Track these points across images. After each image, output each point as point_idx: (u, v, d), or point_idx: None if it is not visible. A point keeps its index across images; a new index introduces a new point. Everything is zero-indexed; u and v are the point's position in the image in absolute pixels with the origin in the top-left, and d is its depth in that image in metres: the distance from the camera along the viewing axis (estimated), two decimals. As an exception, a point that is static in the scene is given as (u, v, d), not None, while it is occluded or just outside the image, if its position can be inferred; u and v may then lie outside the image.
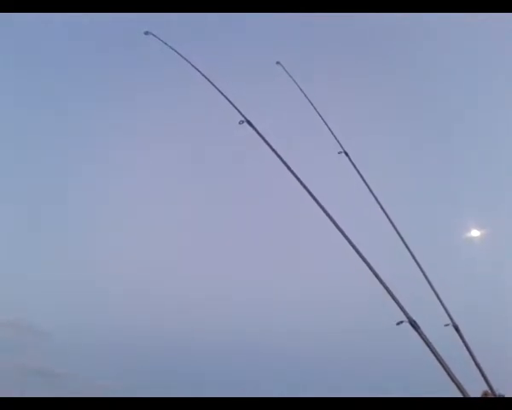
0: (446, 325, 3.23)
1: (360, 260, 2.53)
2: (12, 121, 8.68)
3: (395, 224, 3.26)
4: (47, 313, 7.65)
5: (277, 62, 4.45)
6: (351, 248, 2.52)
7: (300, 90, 4.06)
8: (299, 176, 2.36)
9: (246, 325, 7.43)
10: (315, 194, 2.30)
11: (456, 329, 3.21)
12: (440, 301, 3.25)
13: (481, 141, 7.37)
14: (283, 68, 4.34)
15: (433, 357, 2.61)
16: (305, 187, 2.33)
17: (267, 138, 2.52)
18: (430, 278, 3.18)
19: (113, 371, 7.27)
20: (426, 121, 7.56)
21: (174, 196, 8.25)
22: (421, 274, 3.22)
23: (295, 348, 7.11)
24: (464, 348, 3.08)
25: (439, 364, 2.59)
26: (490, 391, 2.86)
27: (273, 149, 2.48)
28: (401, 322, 2.65)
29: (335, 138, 3.60)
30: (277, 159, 2.43)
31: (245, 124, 2.66)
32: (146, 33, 3.77)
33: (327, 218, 2.35)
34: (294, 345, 7.11)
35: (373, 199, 3.21)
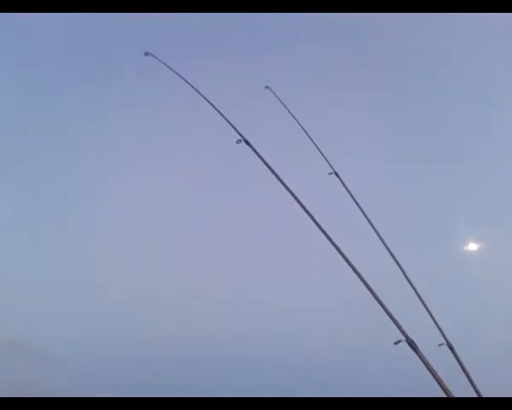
0: (440, 344, 3.22)
1: (358, 279, 2.52)
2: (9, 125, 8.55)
3: (387, 243, 3.28)
4: (44, 330, 7.33)
5: (266, 87, 4.53)
6: (347, 266, 2.51)
7: (289, 112, 4.13)
8: (297, 196, 2.37)
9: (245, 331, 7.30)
10: (314, 215, 2.31)
11: (451, 348, 3.20)
12: (434, 321, 3.25)
13: (479, 152, 7.51)
14: (272, 92, 4.42)
15: (431, 377, 2.58)
16: (303, 207, 2.33)
17: (264, 158, 2.54)
18: (423, 297, 3.19)
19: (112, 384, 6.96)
20: (419, 135, 7.71)
21: (172, 212, 8.26)
22: (414, 293, 3.23)
23: (288, 359, 7.02)
24: (459, 367, 3.08)
25: (437, 384, 2.56)
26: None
27: (270, 168, 2.50)
28: (399, 341, 2.63)
29: (326, 160, 3.66)
30: (274, 178, 2.45)
31: (242, 143, 2.69)
32: (146, 54, 3.81)
33: (324, 236, 2.36)
34: (288, 356, 7.01)
35: (365, 220, 3.24)
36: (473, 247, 6.90)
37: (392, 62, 7.68)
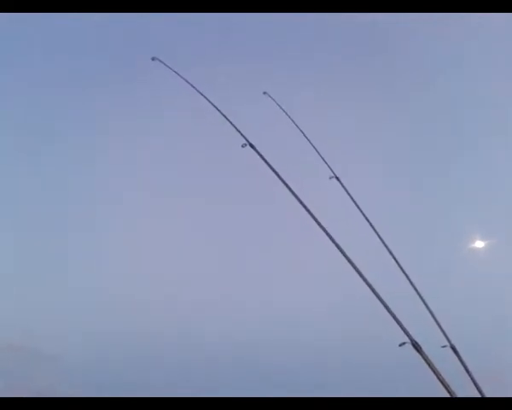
0: (444, 346, 3.23)
1: (361, 280, 2.54)
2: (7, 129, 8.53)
3: (388, 245, 3.30)
4: (53, 334, 7.26)
5: (264, 92, 4.56)
6: (351, 269, 2.53)
7: (289, 117, 4.15)
8: (302, 200, 2.39)
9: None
10: (318, 218, 2.33)
11: (454, 350, 3.21)
12: (436, 322, 3.26)
13: (482, 152, 7.46)
14: (271, 97, 4.45)
15: (436, 379, 2.59)
16: (308, 211, 2.35)
17: (269, 162, 2.57)
18: (426, 299, 3.20)
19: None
20: (421, 135, 7.68)
21: (175, 216, 8.27)
22: (416, 295, 3.25)
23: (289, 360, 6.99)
24: (463, 369, 3.08)
25: (442, 387, 2.56)
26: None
27: (274, 170, 2.52)
28: (403, 343, 2.64)
29: (326, 164, 3.68)
30: (277, 180, 2.47)
31: (248, 147, 2.72)
32: (153, 59, 3.85)
33: (328, 239, 2.37)
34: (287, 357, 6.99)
35: (367, 223, 3.26)
36: (477, 246, 6.89)
37: (392, 64, 7.65)
